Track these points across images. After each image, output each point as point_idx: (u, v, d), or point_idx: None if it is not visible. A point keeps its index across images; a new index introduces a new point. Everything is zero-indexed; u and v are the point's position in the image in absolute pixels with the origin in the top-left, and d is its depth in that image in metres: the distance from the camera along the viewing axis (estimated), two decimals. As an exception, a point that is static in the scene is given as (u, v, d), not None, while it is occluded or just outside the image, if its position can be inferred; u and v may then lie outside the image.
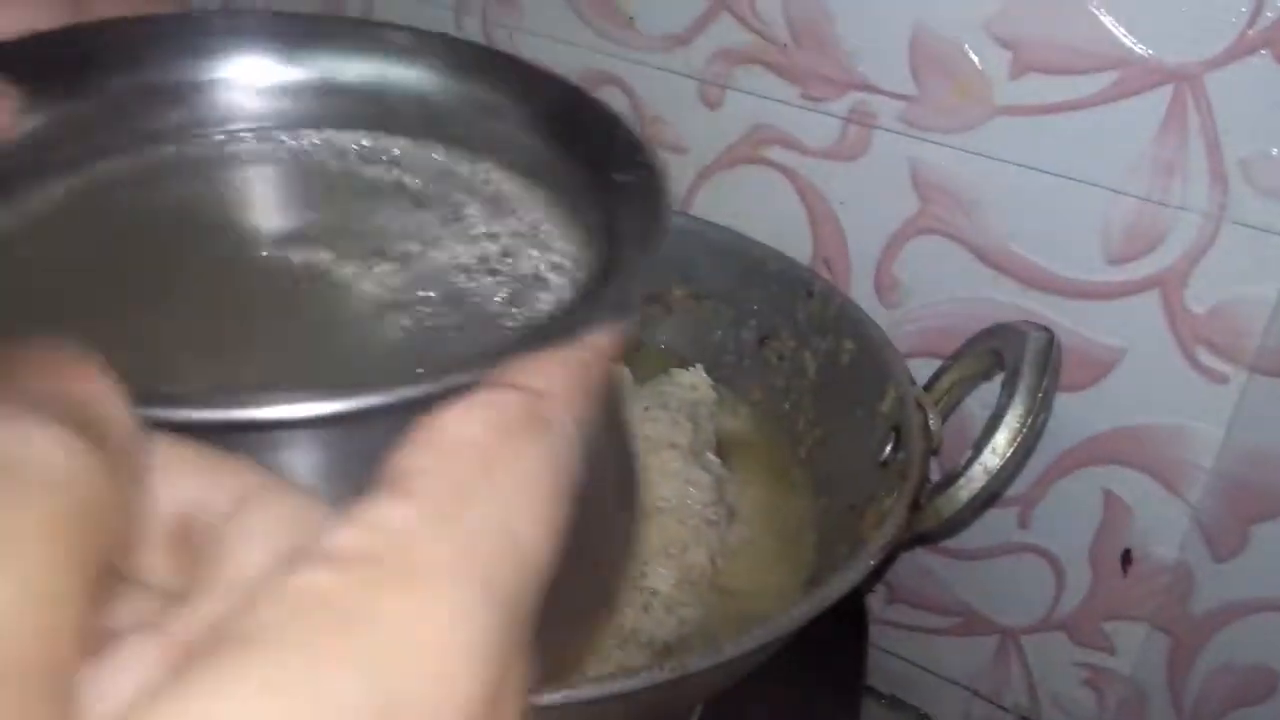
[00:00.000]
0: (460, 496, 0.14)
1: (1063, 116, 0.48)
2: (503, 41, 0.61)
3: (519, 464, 0.14)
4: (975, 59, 0.49)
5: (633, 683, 0.33)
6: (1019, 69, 0.48)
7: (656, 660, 0.39)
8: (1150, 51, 0.45)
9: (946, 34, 0.49)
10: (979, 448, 0.41)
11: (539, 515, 0.14)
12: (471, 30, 0.61)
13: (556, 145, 0.24)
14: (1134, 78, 0.46)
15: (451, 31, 0.62)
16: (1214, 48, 0.44)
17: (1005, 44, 0.48)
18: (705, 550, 0.46)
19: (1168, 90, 0.45)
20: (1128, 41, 0.45)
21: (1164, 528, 0.52)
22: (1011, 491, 0.55)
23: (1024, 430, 0.40)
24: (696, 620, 0.44)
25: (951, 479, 0.41)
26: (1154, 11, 0.45)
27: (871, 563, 0.38)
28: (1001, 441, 0.40)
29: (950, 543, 0.58)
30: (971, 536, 0.57)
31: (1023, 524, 0.56)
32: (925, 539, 0.58)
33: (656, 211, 0.21)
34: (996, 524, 0.56)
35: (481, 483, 0.14)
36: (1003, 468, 0.40)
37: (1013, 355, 0.42)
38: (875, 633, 0.60)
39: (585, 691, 0.33)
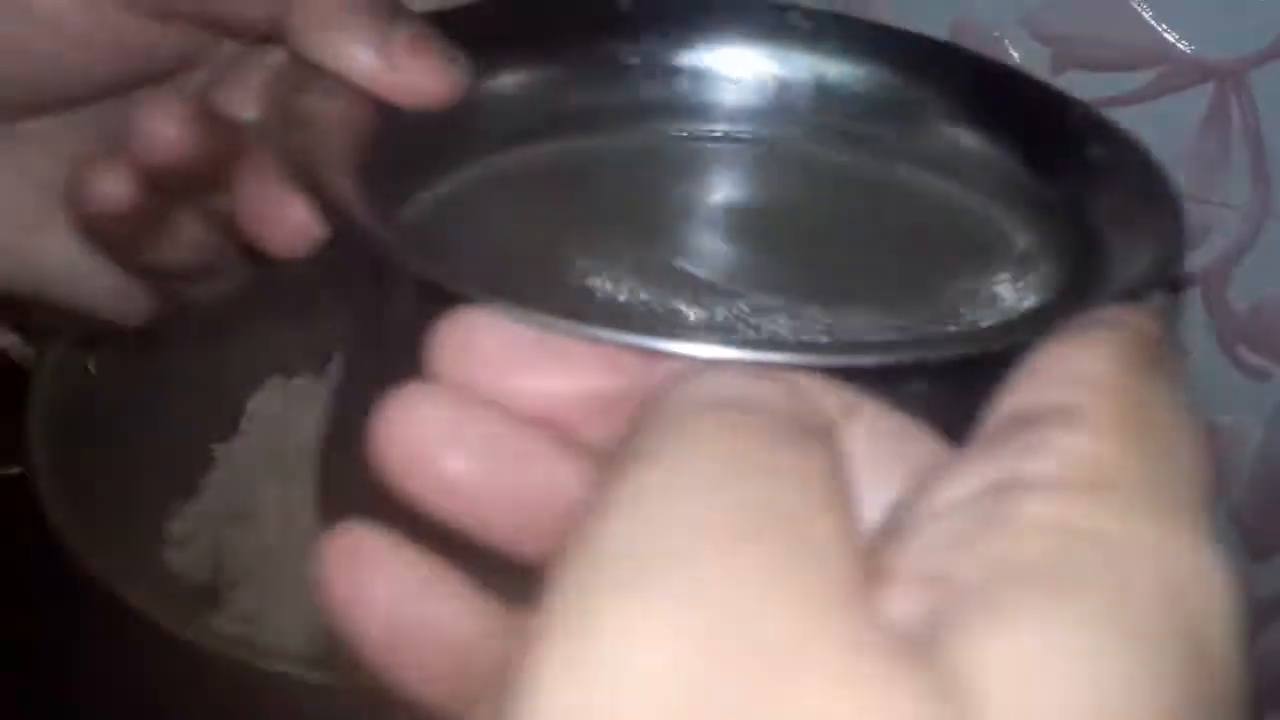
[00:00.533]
0: (1135, 429, 0.14)
1: (1104, 113, 0.47)
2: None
3: (1162, 398, 0.15)
4: (1015, 55, 0.48)
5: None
6: (1059, 65, 0.48)
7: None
8: (1192, 48, 0.45)
9: (985, 29, 0.49)
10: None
11: (1198, 447, 0.14)
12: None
13: (999, 143, 0.24)
14: (1176, 75, 0.45)
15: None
16: (1257, 45, 0.44)
17: (1045, 40, 0.48)
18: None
19: (1210, 87, 0.45)
20: (1170, 38, 0.45)
21: (1202, 525, 0.52)
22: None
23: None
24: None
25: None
26: (1196, 8, 0.44)
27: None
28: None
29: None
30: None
31: (1058, 521, 0.56)
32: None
33: (1176, 230, 0.21)
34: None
35: (1144, 416, 0.14)
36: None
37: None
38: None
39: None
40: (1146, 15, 0.45)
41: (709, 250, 0.23)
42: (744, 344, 0.16)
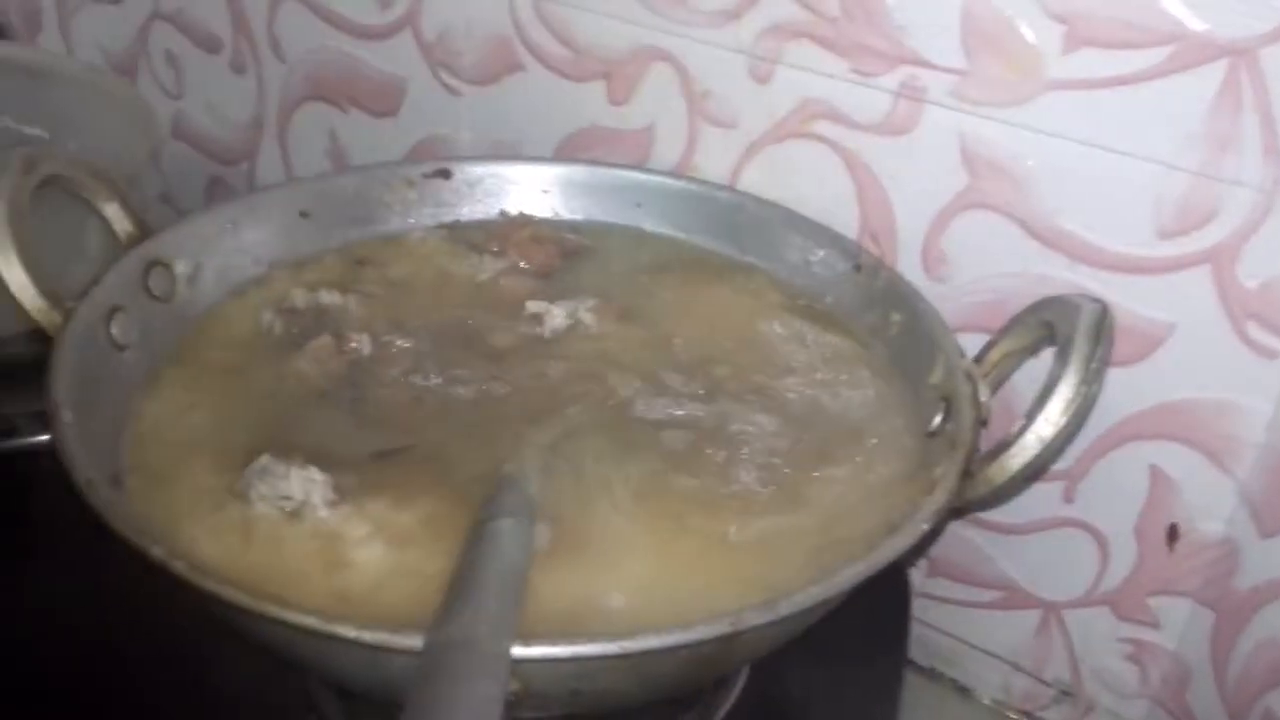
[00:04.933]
0: None
1: (1115, 91, 0.48)
2: (554, 17, 0.61)
3: None
4: (1028, 33, 0.49)
5: (688, 635, 0.34)
6: (1072, 43, 0.48)
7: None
8: (1205, 26, 0.45)
9: (999, 8, 0.49)
10: (1031, 416, 0.41)
11: None
12: (524, 7, 0.62)
13: None
14: (1188, 52, 0.46)
15: (504, 10, 0.62)
16: (1269, 23, 0.44)
17: (1058, 18, 0.48)
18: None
19: (1222, 65, 0.45)
20: (1182, 16, 0.45)
21: (1211, 503, 0.52)
22: (1057, 466, 0.55)
23: (1078, 399, 0.41)
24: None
25: (1003, 447, 0.42)
26: (1209, -14, 0.45)
27: (925, 526, 0.39)
28: (1055, 410, 0.41)
29: (993, 516, 0.59)
30: (1015, 511, 0.58)
31: (1068, 498, 0.56)
32: (970, 510, 0.58)
33: None
34: (1040, 498, 0.56)
35: None
36: (1056, 437, 0.41)
37: (1066, 326, 0.43)
38: (915, 605, 0.61)
39: (639, 642, 0.33)
40: (1159, -7, 0.45)
41: None
42: None
